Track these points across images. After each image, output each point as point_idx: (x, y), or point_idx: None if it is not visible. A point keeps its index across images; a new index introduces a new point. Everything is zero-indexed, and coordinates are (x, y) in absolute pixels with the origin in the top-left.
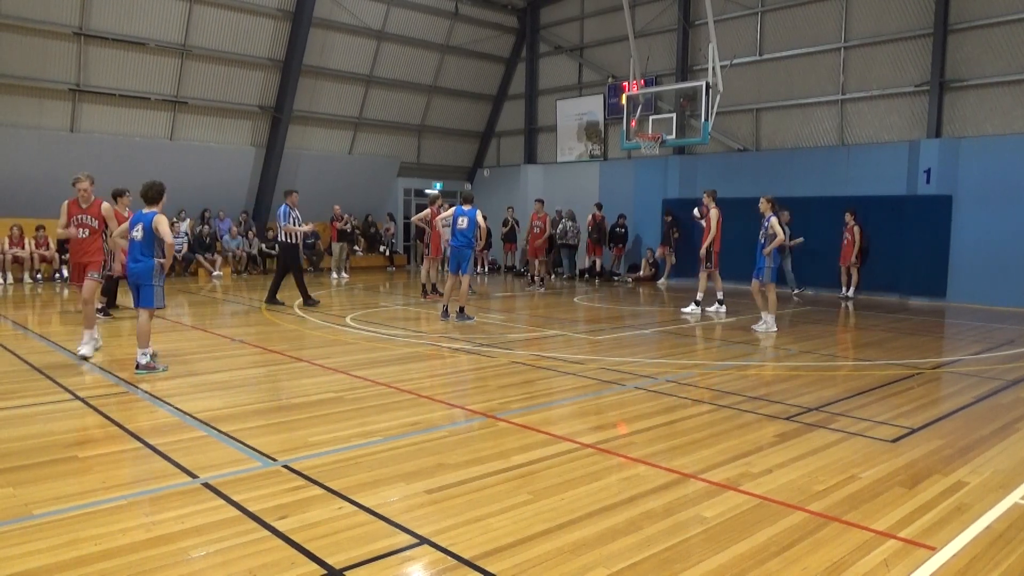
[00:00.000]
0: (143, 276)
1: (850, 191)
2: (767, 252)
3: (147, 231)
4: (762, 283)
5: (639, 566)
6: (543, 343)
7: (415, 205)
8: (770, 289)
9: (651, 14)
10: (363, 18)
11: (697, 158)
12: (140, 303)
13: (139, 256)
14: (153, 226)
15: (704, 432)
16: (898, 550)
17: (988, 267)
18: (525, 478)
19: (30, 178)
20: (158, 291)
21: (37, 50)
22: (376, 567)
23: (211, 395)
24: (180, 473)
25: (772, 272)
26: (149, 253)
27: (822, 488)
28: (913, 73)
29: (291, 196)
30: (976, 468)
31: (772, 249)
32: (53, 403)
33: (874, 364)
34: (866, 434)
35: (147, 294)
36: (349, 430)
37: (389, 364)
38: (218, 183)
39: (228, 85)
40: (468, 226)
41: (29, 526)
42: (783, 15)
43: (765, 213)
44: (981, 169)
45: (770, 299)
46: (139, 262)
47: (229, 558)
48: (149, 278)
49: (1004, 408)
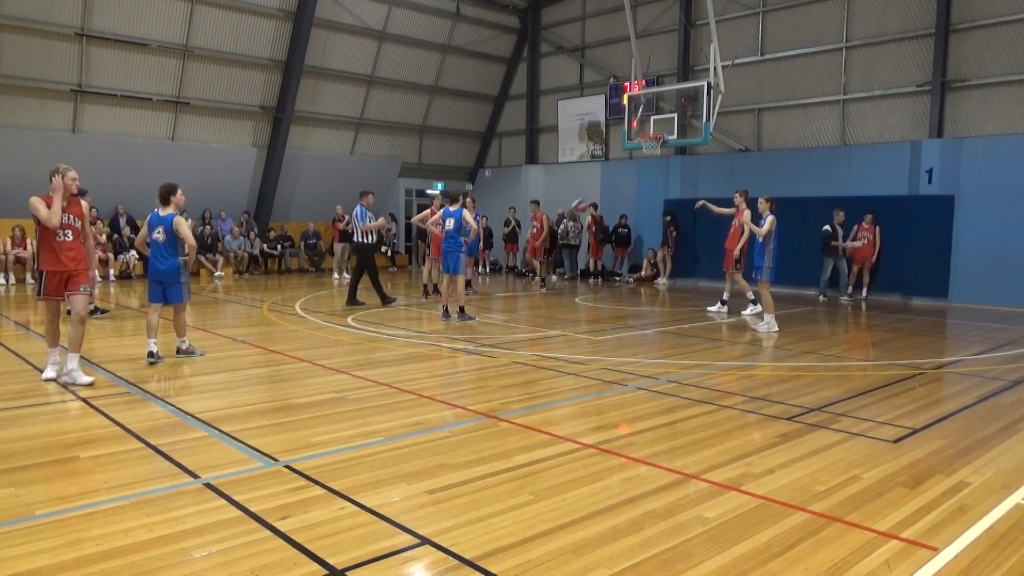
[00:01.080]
0: (170, 275)
1: (852, 191)
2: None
3: (169, 232)
4: (753, 281)
5: (640, 566)
6: (544, 343)
7: (416, 205)
8: (763, 288)
9: (652, 14)
10: (364, 18)
11: (699, 158)
12: (170, 300)
13: (165, 256)
14: (174, 228)
15: (706, 432)
16: (900, 550)
17: (990, 267)
18: (527, 478)
19: (32, 179)
20: (185, 287)
21: (39, 51)
22: (378, 567)
23: (213, 395)
24: (182, 473)
25: (766, 271)
26: (173, 252)
27: (824, 488)
28: (915, 73)
29: (367, 197)
30: (978, 468)
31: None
32: (55, 403)
33: (876, 364)
34: (868, 434)
35: (175, 292)
36: (351, 430)
37: (390, 364)
38: (219, 183)
39: (229, 85)
40: (455, 226)
41: (31, 526)
42: (784, 15)
43: (764, 213)
44: (983, 169)
45: (764, 298)
46: (165, 262)
47: (231, 558)
48: (176, 276)
49: (1006, 408)
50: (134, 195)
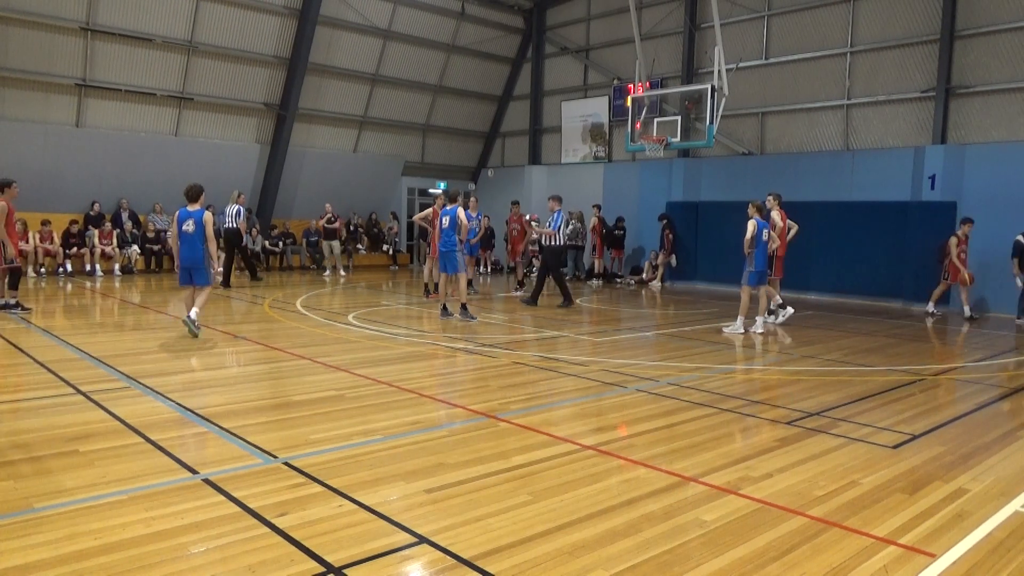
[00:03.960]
0: (198, 262)
1: (855, 196)
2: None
3: (199, 224)
4: (753, 287)
5: (638, 568)
6: (545, 344)
7: (419, 204)
8: (744, 292)
9: (657, 16)
10: (370, 17)
11: (701, 161)
12: (196, 282)
13: (193, 246)
14: (204, 223)
15: (705, 435)
16: (898, 556)
17: (991, 274)
18: (525, 479)
19: (35, 172)
20: (209, 272)
21: (44, 45)
22: (375, 565)
23: (213, 391)
24: (181, 469)
25: (750, 276)
26: (200, 242)
27: (822, 493)
28: (919, 79)
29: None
30: (977, 475)
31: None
32: (55, 397)
33: (876, 370)
34: (867, 440)
35: (200, 275)
36: (350, 428)
37: (391, 363)
38: (222, 180)
39: (234, 82)
40: (450, 224)
41: (30, 519)
42: (790, 19)
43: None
44: (986, 176)
45: (743, 301)
46: (194, 251)
47: (228, 554)
48: (201, 262)
49: (1006, 415)
50: (137, 190)
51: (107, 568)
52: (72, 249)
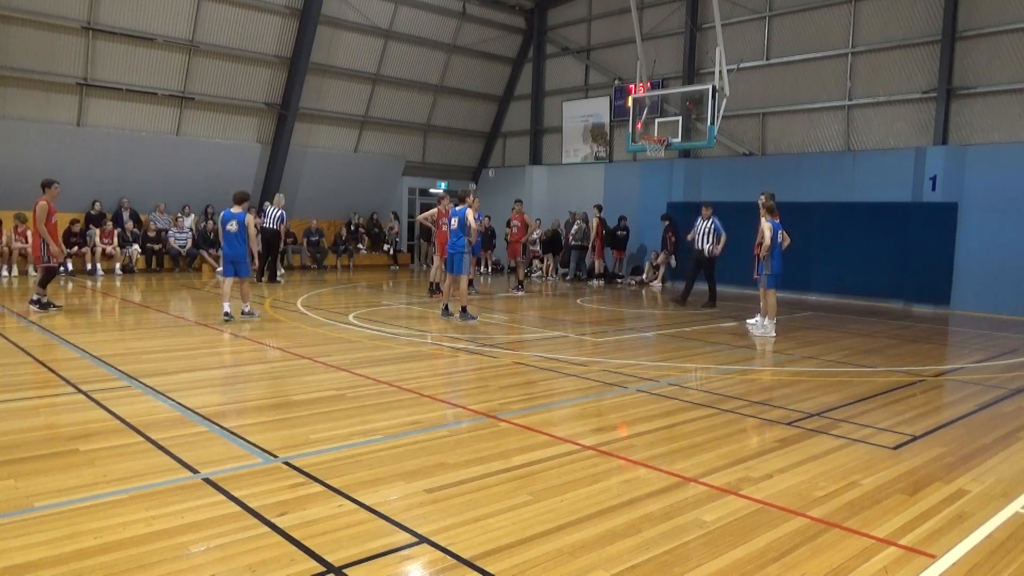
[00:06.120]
0: (241, 257)
1: (856, 197)
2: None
3: (241, 224)
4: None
5: (638, 569)
6: (545, 344)
7: (419, 204)
8: (770, 295)
9: (658, 17)
10: (371, 17)
11: (702, 162)
12: (240, 274)
13: (237, 243)
14: (247, 224)
15: (705, 436)
16: (898, 557)
17: (993, 275)
18: (525, 479)
19: (36, 171)
20: (249, 266)
21: (45, 44)
22: (375, 565)
23: (213, 391)
24: (181, 468)
25: (769, 280)
26: (243, 241)
27: (823, 494)
28: (920, 80)
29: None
30: (977, 476)
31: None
32: (56, 396)
33: (876, 371)
34: (867, 440)
35: (243, 267)
36: (350, 428)
37: (391, 363)
38: (223, 179)
39: (235, 82)
40: (458, 225)
41: (30, 518)
42: (791, 20)
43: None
44: (987, 177)
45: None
46: (238, 247)
47: (228, 554)
48: (243, 257)
49: (1006, 417)
50: (138, 189)
51: (107, 567)
52: (73, 248)
